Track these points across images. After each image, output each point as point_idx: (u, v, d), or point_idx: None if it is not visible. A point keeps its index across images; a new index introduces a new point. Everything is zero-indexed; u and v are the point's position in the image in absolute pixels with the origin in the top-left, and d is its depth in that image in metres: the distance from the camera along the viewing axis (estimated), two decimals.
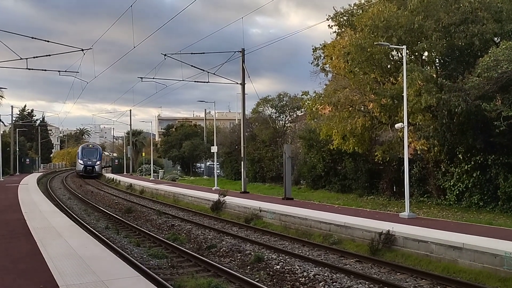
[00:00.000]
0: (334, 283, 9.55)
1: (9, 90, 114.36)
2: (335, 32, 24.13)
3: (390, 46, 17.68)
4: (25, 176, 49.30)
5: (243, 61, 28.02)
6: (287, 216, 17.00)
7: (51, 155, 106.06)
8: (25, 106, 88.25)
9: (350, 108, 22.02)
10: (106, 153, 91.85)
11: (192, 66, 28.02)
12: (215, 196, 22.49)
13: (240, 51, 27.89)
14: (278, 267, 10.80)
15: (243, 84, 28.39)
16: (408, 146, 17.20)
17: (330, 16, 23.61)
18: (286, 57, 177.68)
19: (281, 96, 39.26)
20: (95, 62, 61.94)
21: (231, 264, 11.55)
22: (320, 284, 9.52)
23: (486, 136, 17.74)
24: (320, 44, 25.16)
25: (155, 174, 50.71)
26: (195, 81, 31.32)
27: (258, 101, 39.75)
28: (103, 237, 14.46)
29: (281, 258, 11.76)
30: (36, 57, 24.47)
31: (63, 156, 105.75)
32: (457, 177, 19.24)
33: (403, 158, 17.02)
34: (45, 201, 22.37)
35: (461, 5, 18.74)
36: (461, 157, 18.87)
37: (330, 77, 25.97)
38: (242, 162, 28.60)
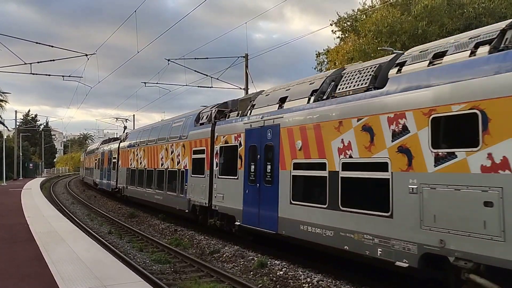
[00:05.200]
0: None
1: (13, 95, 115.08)
2: (338, 37, 24.26)
3: (394, 51, 17.68)
4: (29, 181, 49.35)
5: (247, 66, 28.04)
6: None
7: (55, 160, 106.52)
8: (29, 111, 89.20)
9: None
10: None
11: (195, 71, 28.03)
12: None
13: (244, 56, 27.93)
14: (281, 272, 10.72)
15: (246, 89, 28.40)
16: None
17: (333, 21, 23.72)
18: (289, 62, 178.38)
19: None
20: (99, 67, 62.14)
21: (234, 270, 11.48)
22: None
23: None
24: (324, 49, 25.29)
25: None
26: (198, 86, 31.35)
27: None
28: (106, 242, 14.42)
29: (284, 263, 11.68)
30: (40, 62, 24.59)
31: (67, 161, 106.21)
32: None
33: None
34: (48, 205, 22.35)
35: (465, 10, 18.78)
36: None
37: None
38: None
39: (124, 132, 37.28)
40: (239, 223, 12.98)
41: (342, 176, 9.19)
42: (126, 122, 37.95)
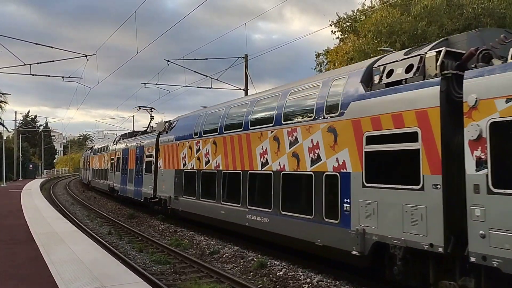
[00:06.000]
0: None
1: (12, 96, 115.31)
2: (338, 37, 24.26)
3: (394, 51, 17.71)
4: (28, 182, 49.32)
5: (246, 67, 28.04)
6: None
7: (54, 161, 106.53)
8: (28, 111, 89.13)
9: None
10: None
11: (195, 72, 27.99)
12: None
13: (243, 57, 27.93)
14: (281, 273, 10.72)
15: (246, 90, 28.40)
16: None
17: (333, 21, 23.75)
18: (289, 63, 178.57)
19: None
20: (98, 67, 62.17)
21: (234, 270, 11.49)
22: None
23: None
24: (323, 50, 25.30)
25: None
26: (198, 87, 31.31)
27: None
28: (105, 243, 14.43)
29: (284, 264, 11.68)
30: (40, 63, 24.67)
31: (66, 161, 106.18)
32: None
33: None
34: (48, 206, 22.35)
35: (465, 11, 18.81)
36: None
37: None
38: None
39: (149, 124, 29.74)
40: None
41: None
42: (151, 111, 30.85)
